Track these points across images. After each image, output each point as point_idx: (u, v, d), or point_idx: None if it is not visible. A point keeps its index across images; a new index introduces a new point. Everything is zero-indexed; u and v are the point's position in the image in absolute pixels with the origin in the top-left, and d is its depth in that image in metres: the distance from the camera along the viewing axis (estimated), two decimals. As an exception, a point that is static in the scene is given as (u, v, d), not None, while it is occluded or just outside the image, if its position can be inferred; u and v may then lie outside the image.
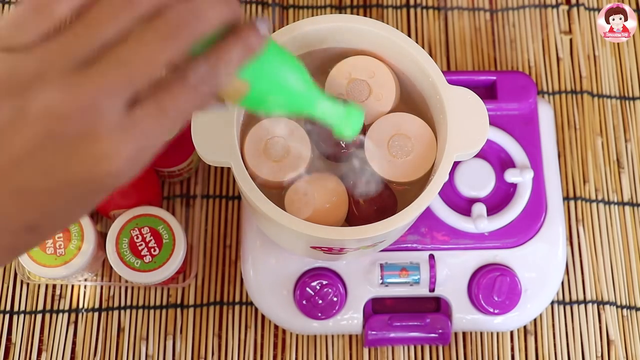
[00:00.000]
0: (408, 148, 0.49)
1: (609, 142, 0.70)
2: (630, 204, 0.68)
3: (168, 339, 0.64)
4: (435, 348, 0.64)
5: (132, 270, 0.58)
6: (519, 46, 0.73)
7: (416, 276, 0.61)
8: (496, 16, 0.74)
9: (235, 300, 0.65)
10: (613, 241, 0.67)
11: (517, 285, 0.60)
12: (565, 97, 0.71)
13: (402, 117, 0.50)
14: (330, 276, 0.60)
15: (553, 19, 0.73)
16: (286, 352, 0.64)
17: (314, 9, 0.74)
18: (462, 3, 0.74)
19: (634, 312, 0.65)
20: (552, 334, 0.64)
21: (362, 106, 0.50)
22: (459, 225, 0.61)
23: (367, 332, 0.61)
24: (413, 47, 0.48)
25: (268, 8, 0.74)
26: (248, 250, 0.62)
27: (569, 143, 0.69)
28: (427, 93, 0.50)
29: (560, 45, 0.73)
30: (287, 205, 0.48)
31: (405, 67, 0.50)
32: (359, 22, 0.49)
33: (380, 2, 0.74)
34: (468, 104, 0.47)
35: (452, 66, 0.72)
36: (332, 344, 0.64)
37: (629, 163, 0.69)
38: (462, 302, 0.61)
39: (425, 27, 0.74)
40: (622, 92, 0.71)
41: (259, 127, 0.49)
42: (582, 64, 0.72)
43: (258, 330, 0.64)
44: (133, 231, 0.58)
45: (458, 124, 0.47)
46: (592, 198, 0.68)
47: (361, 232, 0.45)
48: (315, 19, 0.49)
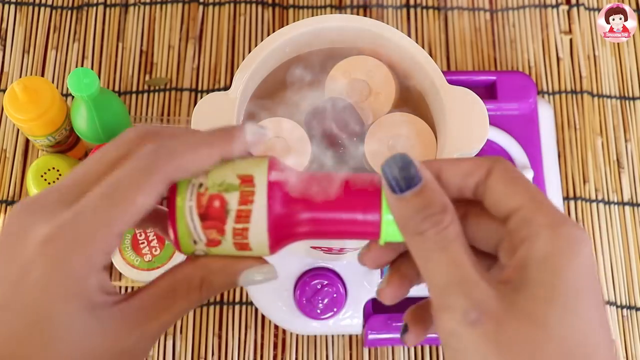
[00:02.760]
0: (408, 148, 0.49)
1: (608, 142, 0.70)
2: (630, 204, 0.68)
3: (168, 338, 0.64)
4: (435, 348, 0.64)
5: (131, 267, 0.58)
6: (519, 46, 0.73)
7: (416, 276, 0.60)
8: (496, 16, 0.74)
9: (236, 300, 0.65)
10: (613, 241, 0.67)
11: (517, 285, 0.60)
12: (565, 97, 0.71)
13: (402, 117, 0.50)
14: (330, 276, 0.60)
15: (553, 19, 0.73)
16: (286, 352, 0.64)
17: (314, 9, 0.74)
18: (462, 3, 0.74)
19: (634, 312, 0.65)
20: (552, 334, 0.64)
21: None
22: (459, 225, 0.61)
23: (367, 332, 0.61)
24: (413, 47, 0.48)
25: (268, 8, 0.74)
26: (248, 250, 0.62)
27: (569, 143, 0.69)
28: (427, 93, 0.50)
29: (560, 45, 0.73)
30: (287, 205, 0.48)
31: (405, 67, 0.50)
32: (359, 22, 0.49)
33: (380, 2, 0.74)
34: (468, 104, 0.47)
35: (452, 66, 0.72)
36: (332, 344, 0.64)
37: (629, 163, 0.69)
38: (462, 302, 0.61)
39: (426, 27, 0.74)
40: (622, 92, 0.71)
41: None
42: (582, 64, 0.72)
43: (258, 330, 0.64)
44: (137, 229, 0.58)
45: (458, 124, 0.47)
46: (592, 198, 0.68)
47: (361, 232, 0.45)
48: (315, 19, 0.49)
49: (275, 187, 0.31)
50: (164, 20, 0.73)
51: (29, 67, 0.71)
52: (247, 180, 0.31)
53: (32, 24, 0.72)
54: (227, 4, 0.73)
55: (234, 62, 0.72)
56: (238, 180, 0.31)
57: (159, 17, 0.73)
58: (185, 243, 0.32)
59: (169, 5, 0.73)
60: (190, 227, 0.31)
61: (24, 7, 0.73)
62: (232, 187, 0.31)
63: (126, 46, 0.72)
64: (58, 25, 0.72)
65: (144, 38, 0.72)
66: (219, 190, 0.31)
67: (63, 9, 0.73)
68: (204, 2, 0.73)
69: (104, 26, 0.72)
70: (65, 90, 0.70)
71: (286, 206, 0.31)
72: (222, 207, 0.31)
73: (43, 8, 0.73)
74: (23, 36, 0.72)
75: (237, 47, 0.72)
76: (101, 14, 0.73)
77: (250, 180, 0.31)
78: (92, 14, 0.73)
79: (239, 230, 0.31)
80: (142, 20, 0.73)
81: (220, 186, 0.31)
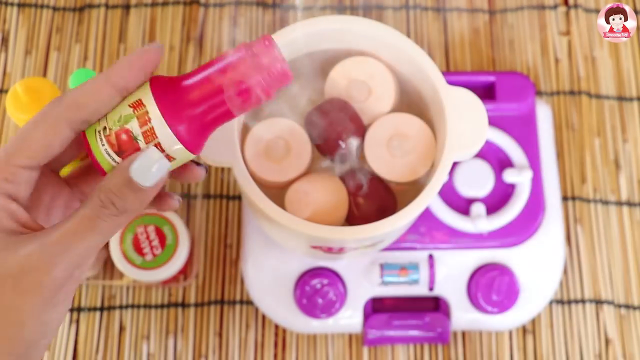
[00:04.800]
0: (407, 148, 0.49)
1: (607, 142, 0.70)
2: (628, 204, 0.68)
3: (169, 338, 0.64)
4: (435, 347, 0.64)
5: (133, 266, 0.58)
6: (517, 47, 0.73)
7: (415, 276, 0.61)
8: (495, 17, 0.74)
9: (236, 299, 0.65)
10: (611, 241, 0.67)
11: (516, 284, 0.61)
12: (564, 98, 0.71)
13: (401, 118, 0.50)
14: (330, 276, 0.60)
15: (551, 20, 0.74)
16: (286, 351, 0.64)
17: (314, 10, 0.74)
18: (461, 4, 0.75)
19: (631, 311, 0.65)
20: (551, 333, 0.65)
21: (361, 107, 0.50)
22: (458, 225, 0.62)
23: (366, 331, 0.61)
24: (412, 47, 0.48)
25: (268, 9, 0.74)
26: (249, 250, 0.62)
27: (567, 143, 0.70)
28: (426, 93, 0.50)
29: (559, 46, 0.73)
30: (287, 205, 0.48)
31: (405, 68, 0.50)
32: (358, 23, 0.49)
33: (379, 3, 0.75)
34: (467, 104, 0.47)
35: (451, 67, 0.72)
36: (332, 343, 0.64)
37: (627, 163, 0.69)
38: (461, 302, 0.62)
39: (425, 28, 0.74)
40: (620, 93, 0.72)
41: (260, 127, 0.49)
42: (580, 64, 0.72)
43: (258, 329, 0.64)
44: (139, 228, 0.59)
45: (457, 124, 0.47)
46: (590, 198, 0.68)
47: (361, 232, 0.46)
48: (314, 20, 0.49)
49: (161, 96, 0.35)
50: (165, 21, 0.73)
51: (31, 68, 0.71)
52: (137, 105, 0.35)
53: (34, 25, 0.73)
54: (228, 5, 0.74)
55: (235, 63, 0.72)
56: (130, 109, 0.35)
57: (160, 18, 0.73)
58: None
59: (170, 7, 0.74)
60: (113, 163, 0.35)
61: (26, 8, 0.73)
62: (129, 117, 0.35)
63: (128, 47, 0.72)
64: (60, 27, 0.73)
65: (145, 39, 0.73)
66: (120, 125, 0.35)
67: (65, 10, 0.73)
68: (204, 3, 0.74)
69: (106, 27, 0.73)
70: (67, 91, 0.70)
71: (177, 105, 0.35)
72: (130, 137, 0.35)
73: (45, 9, 0.73)
74: (25, 37, 0.72)
75: (238, 48, 0.72)
76: (103, 15, 0.73)
77: (140, 103, 0.35)
78: (94, 15, 0.73)
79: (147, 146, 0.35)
80: (143, 22, 0.73)
81: (119, 121, 0.35)
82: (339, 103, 0.49)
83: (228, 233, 0.67)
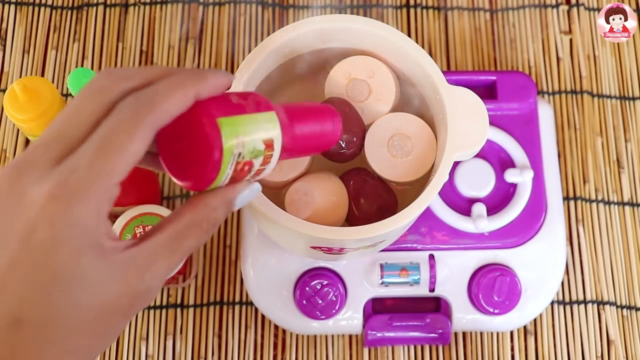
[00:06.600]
0: (408, 148, 0.49)
1: (608, 142, 0.70)
2: (630, 204, 0.68)
3: (168, 338, 0.64)
4: (435, 348, 0.64)
5: None
6: (519, 46, 0.73)
7: (416, 276, 0.61)
8: (496, 16, 0.74)
9: (235, 300, 0.65)
10: (613, 241, 0.67)
11: (517, 285, 0.60)
12: (565, 97, 0.71)
13: (402, 117, 0.50)
14: (330, 276, 0.60)
15: (553, 19, 0.73)
16: (286, 352, 0.64)
17: (314, 9, 0.74)
18: (462, 3, 0.74)
19: (633, 312, 0.65)
20: (552, 334, 0.65)
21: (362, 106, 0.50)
22: (459, 225, 0.61)
23: (367, 332, 0.61)
24: (413, 47, 0.48)
25: (268, 8, 0.74)
26: (248, 250, 0.62)
27: (569, 143, 0.69)
28: (427, 93, 0.50)
29: (560, 45, 0.73)
30: (287, 205, 0.48)
31: (405, 67, 0.50)
32: (358, 22, 0.49)
33: (380, 2, 0.74)
34: (468, 104, 0.47)
35: (452, 66, 0.72)
36: (332, 344, 0.64)
37: (629, 163, 0.69)
38: (462, 302, 0.61)
39: (425, 27, 0.74)
40: (622, 92, 0.71)
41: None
42: (582, 64, 0.72)
43: (258, 330, 0.64)
44: (137, 228, 0.58)
45: (458, 124, 0.47)
46: (592, 198, 0.68)
47: (361, 232, 0.45)
48: (314, 19, 0.49)
49: (285, 146, 0.38)
50: (164, 20, 0.73)
51: (28, 67, 0.71)
52: (269, 145, 0.36)
53: (32, 24, 0.72)
54: (227, 4, 0.73)
55: (234, 62, 0.72)
56: (264, 145, 0.36)
57: (159, 17, 0.73)
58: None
59: (169, 6, 0.73)
60: (221, 183, 0.35)
61: (24, 7, 0.73)
62: (259, 153, 0.35)
63: (126, 46, 0.72)
64: (58, 25, 0.72)
65: (144, 38, 0.72)
66: (250, 157, 0.35)
67: (63, 9, 0.73)
68: (204, 2, 0.73)
69: (104, 26, 0.72)
70: (65, 90, 0.70)
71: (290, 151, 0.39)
72: (248, 169, 0.35)
73: (43, 8, 0.73)
74: (23, 36, 0.72)
75: (237, 48, 0.72)
76: (101, 14, 0.73)
77: (271, 145, 0.36)
78: (92, 14, 0.73)
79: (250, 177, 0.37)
80: (142, 20, 0.73)
81: (252, 153, 0.35)
82: (339, 102, 0.49)
83: (227, 233, 0.67)
